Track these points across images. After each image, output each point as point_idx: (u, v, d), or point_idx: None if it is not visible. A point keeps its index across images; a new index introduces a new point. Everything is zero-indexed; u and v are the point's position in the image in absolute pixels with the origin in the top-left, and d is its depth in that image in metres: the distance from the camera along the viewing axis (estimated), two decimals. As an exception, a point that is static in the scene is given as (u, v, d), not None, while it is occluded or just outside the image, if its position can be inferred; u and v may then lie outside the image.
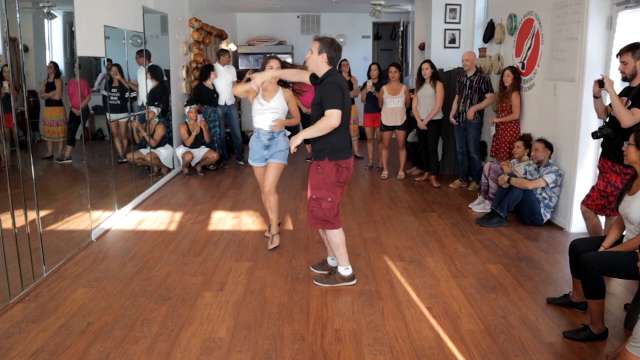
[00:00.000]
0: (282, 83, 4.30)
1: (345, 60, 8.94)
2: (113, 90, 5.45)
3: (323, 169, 3.53)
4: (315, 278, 3.81)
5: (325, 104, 3.41)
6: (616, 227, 3.14)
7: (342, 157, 3.53)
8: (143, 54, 6.17)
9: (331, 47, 3.48)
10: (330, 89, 3.41)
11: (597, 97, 3.85)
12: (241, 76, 8.72)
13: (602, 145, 3.84)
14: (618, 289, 3.67)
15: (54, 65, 4.49)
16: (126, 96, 5.66)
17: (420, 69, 6.62)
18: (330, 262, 3.96)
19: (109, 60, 5.33)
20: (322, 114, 3.43)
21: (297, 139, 3.44)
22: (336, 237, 3.68)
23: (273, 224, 4.50)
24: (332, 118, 3.38)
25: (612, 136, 3.65)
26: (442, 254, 4.34)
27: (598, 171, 3.92)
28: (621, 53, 3.61)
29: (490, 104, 6.13)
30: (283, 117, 4.31)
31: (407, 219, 5.26)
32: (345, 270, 3.72)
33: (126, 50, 5.70)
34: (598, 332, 2.97)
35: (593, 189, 3.89)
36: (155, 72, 6.53)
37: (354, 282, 3.74)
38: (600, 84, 3.72)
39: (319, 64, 3.51)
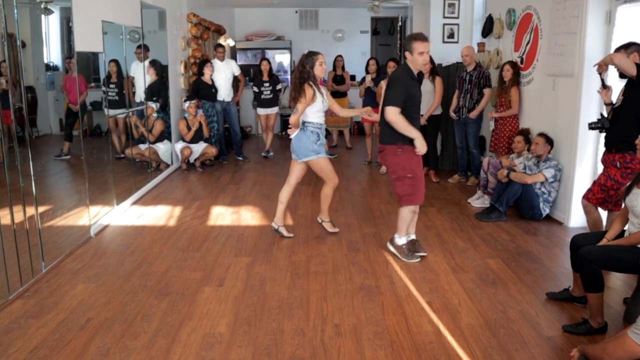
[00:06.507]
0: None
1: (340, 56, 9.01)
2: (111, 86, 5.44)
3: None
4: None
5: None
6: (619, 220, 3.14)
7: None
8: (142, 49, 6.15)
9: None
10: None
11: (605, 86, 3.87)
12: (242, 69, 8.72)
13: (605, 137, 3.87)
14: (617, 283, 3.67)
15: None
16: (124, 92, 5.65)
17: None
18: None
19: (114, 61, 5.37)
20: None
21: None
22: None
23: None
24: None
25: (607, 126, 3.71)
26: (441, 248, 4.34)
27: (602, 165, 3.94)
28: (616, 52, 3.68)
29: (488, 100, 6.12)
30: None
31: (407, 214, 5.26)
32: (399, 238, 4.16)
33: (124, 46, 5.68)
34: (598, 326, 2.98)
35: (594, 183, 3.91)
36: (156, 66, 6.52)
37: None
38: (602, 81, 3.78)
39: None
